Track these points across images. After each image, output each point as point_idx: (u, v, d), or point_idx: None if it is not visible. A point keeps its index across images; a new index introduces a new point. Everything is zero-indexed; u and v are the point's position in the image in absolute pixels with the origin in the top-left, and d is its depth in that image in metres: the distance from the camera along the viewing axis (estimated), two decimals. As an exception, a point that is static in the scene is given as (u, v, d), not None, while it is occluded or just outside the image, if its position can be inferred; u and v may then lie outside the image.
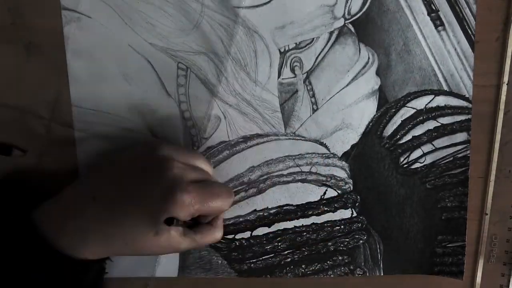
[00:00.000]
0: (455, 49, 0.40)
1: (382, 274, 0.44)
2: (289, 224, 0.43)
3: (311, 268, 0.44)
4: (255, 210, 0.43)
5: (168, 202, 0.34)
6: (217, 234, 0.39)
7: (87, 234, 0.35)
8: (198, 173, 0.38)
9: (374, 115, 0.42)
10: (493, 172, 0.43)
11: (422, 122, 0.42)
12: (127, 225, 0.35)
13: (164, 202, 0.34)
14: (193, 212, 0.36)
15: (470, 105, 0.41)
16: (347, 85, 0.41)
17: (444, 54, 0.40)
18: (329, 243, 0.44)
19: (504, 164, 0.43)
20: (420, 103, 0.41)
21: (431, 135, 0.42)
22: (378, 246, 0.44)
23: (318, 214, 0.43)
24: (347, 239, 0.44)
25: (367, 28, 0.40)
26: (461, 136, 0.42)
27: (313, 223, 0.43)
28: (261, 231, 0.43)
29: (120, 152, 0.40)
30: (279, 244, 0.44)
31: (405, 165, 0.43)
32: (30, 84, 0.41)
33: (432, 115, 0.42)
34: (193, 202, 0.35)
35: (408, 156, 0.42)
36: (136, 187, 0.36)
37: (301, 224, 0.43)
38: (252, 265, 0.44)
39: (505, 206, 0.43)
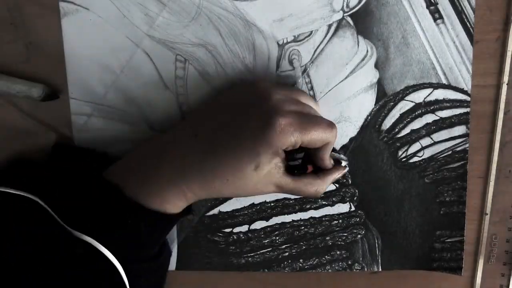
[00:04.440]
0: (454, 42, 0.40)
1: (380, 269, 0.44)
2: (287, 218, 0.43)
3: (308, 263, 0.44)
4: (253, 204, 0.43)
5: (266, 129, 0.33)
6: (321, 187, 0.38)
7: (186, 173, 0.35)
8: (300, 105, 0.37)
9: (373, 109, 0.42)
10: (493, 172, 0.42)
11: (421, 115, 0.42)
12: (227, 160, 0.34)
13: (262, 130, 0.34)
14: (293, 141, 0.34)
15: (468, 98, 0.41)
16: (345, 78, 0.41)
17: (443, 47, 0.40)
18: (327, 238, 0.44)
19: (504, 164, 0.42)
20: (418, 96, 0.41)
21: (429, 129, 0.42)
22: (376, 241, 0.44)
23: (316, 208, 0.43)
24: (345, 234, 0.44)
25: (365, 21, 0.40)
26: (459, 130, 0.42)
27: (311, 217, 0.43)
28: (259, 224, 0.43)
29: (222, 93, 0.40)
30: (277, 238, 0.43)
31: (403, 159, 0.42)
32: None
33: (431, 108, 0.41)
34: (292, 129, 0.34)
35: (407, 150, 0.42)
36: (236, 121, 0.35)
37: (299, 218, 0.43)
38: (250, 259, 0.44)
39: (505, 206, 0.43)
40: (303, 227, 0.43)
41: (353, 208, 0.43)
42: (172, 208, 0.36)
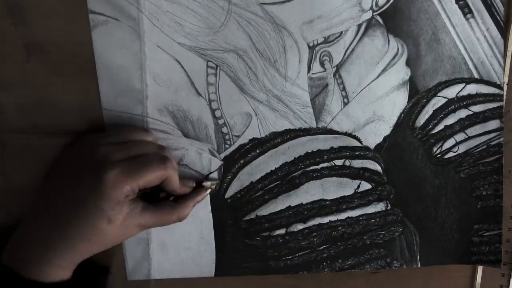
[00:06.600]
0: (485, 36, 0.40)
1: (419, 266, 0.44)
2: (324, 219, 0.43)
3: (347, 263, 0.44)
4: (289, 206, 0.43)
5: (98, 186, 0.34)
6: (182, 213, 0.38)
7: (49, 246, 0.35)
8: (128, 149, 0.37)
9: (406, 106, 0.42)
10: (493, 172, 0.43)
11: (454, 111, 0.42)
12: (81, 224, 0.35)
13: (96, 188, 0.34)
14: (130, 189, 0.35)
15: (501, 92, 0.41)
16: (377, 77, 0.41)
17: (474, 41, 0.40)
18: (365, 237, 0.43)
19: (504, 164, 0.42)
20: (451, 92, 0.41)
21: (463, 124, 0.42)
22: (414, 237, 0.44)
23: (353, 208, 0.43)
24: (383, 232, 0.43)
25: (395, 19, 0.40)
26: (493, 124, 0.42)
27: (348, 217, 0.43)
28: (296, 227, 0.43)
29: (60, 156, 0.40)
30: (315, 239, 0.43)
31: (438, 155, 0.42)
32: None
33: (464, 103, 0.41)
34: (123, 178, 0.34)
35: (441, 146, 0.42)
36: (72, 184, 0.36)
37: (336, 219, 0.43)
38: (288, 261, 0.44)
39: (505, 206, 0.43)
40: (340, 228, 0.43)
41: (389, 206, 0.43)
42: (61, 275, 0.36)
